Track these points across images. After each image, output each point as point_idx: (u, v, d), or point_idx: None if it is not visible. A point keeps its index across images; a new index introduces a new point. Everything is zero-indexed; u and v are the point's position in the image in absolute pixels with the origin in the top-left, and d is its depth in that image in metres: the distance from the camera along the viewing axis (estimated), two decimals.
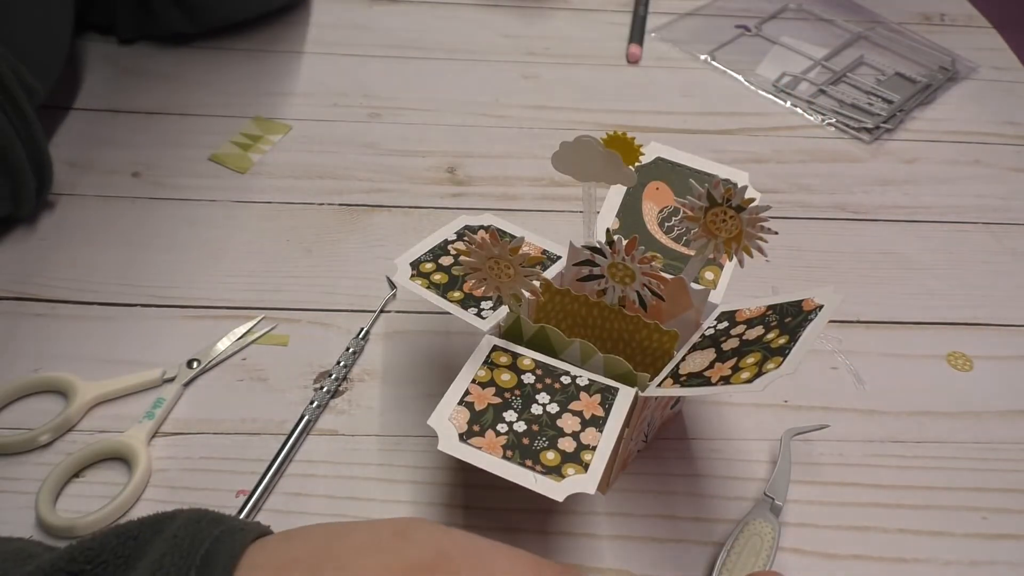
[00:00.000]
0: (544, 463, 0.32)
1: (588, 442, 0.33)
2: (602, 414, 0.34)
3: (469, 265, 0.36)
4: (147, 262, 0.49)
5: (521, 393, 0.35)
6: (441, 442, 0.32)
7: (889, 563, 0.39)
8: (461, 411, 0.34)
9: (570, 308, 0.39)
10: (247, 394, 0.43)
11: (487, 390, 0.35)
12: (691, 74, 0.68)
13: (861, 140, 0.62)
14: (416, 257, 0.41)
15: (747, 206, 0.34)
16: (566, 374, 0.36)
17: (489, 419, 0.34)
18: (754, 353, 0.32)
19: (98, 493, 0.39)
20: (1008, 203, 0.58)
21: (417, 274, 0.40)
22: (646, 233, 0.42)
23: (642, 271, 0.36)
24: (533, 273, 0.35)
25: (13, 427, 0.41)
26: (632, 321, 0.38)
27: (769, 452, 0.43)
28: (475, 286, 0.37)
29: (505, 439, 0.33)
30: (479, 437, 0.33)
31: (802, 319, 0.33)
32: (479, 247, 0.35)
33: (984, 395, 0.46)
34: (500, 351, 0.37)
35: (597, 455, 0.32)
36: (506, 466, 0.32)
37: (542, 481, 0.31)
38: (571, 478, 0.32)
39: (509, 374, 0.36)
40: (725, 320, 0.37)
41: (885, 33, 0.73)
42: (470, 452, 0.32)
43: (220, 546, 0.26)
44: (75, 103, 0.59)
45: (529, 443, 0.33)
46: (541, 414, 0.34)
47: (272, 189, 0.54)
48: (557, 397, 0.35)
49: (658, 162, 0.44)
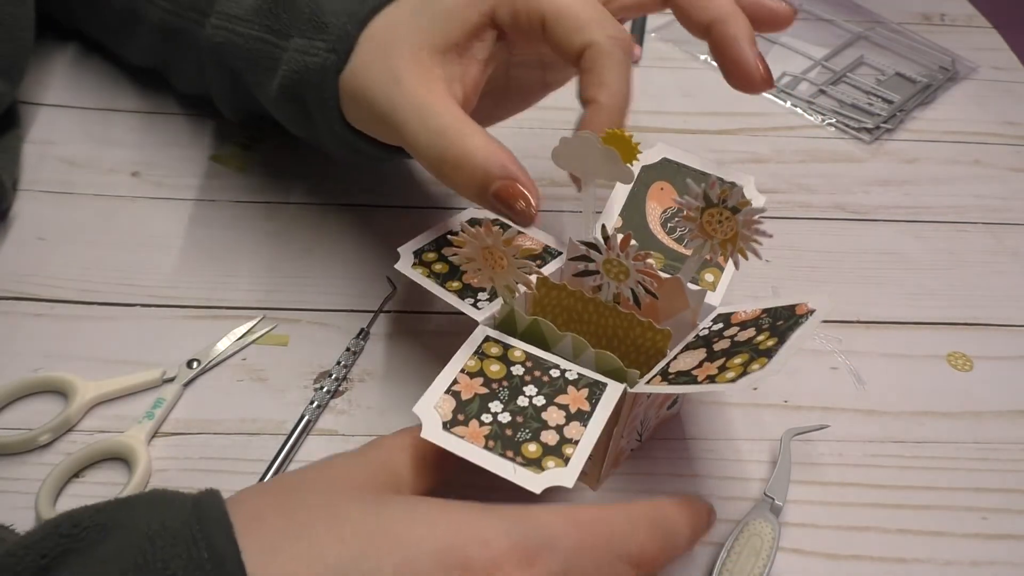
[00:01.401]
0: (525, 455, 0.32)
1: (571, 436, 0.33)
2: (588, 408, 0.34)
3: (464, 255, 0.36)
4: (147, 262, 0.49)
5: (509, 384, 0.35)
6: (424, 430, 0.33)
7: (889, 563, 0.39)
8: (447, 400, 0.34)
9: (566, 303, 0.39)
10: (247, 394, 0.43)
11: (475, 380, 0.35)
12: (691, 74, 0.68)
13: (861, 140, 0.62)
14: (420, 246, 0.42)
15: (743, 207, 0.34)
16: (556, 367, 0.36)
17: (474, 409, 0.34)
18: (742, 354, 0.33)
19: (98, 493, 0.39)
20: (1008, 203, 0.58)
21: (419, 263, 0.41)
22: (648, 233, 0.42)
23: (636, 268, 0.36)
24: (526, 265, 0.35)
25: (13, 427, 0.41)
26: (626, 318, 0.38)
27: (769, 452, 0.43)
28: (470, 276, 0.37)
29: (488, 429, 0.33)
30: (463, 426, 0.33)
31: (793, 323, 0.33)
32: (473, 237, 0.35)
33: (984, 395, 0.46)
34: (492, 342, 0.37)
35: (579, 449, 0.32)
36: (487, 456, 0.32)
37: (521, 472, 0.31)
38: (550, 471, 0.32)
39: (499, 365, 0.36)
40: (721, 322, 0.37)
41: (885, 33, 0.73)
42: (452, 441, 0.32)
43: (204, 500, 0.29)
44: (75, 103, 0.59)
45: (512, 434, 0.33)
46: (527, 406, 0.34)
47: (272, 189, 0.54)
48: (544, 390, 0.35)
49: (664, 163, 0.44)
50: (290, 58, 0.43)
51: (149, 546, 0.26)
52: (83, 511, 0.28)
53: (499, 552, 0.28)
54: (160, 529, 0.27)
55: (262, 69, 0.45)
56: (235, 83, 0.49)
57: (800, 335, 0.32)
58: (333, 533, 0.28)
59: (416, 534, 0.28)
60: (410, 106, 0.38)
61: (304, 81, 0.43)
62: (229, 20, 0.46)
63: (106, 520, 0.27)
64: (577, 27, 0.37)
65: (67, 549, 0.26)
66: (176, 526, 0.27)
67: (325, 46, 0.42)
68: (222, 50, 0.47)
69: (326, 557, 0.27)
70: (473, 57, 0.40)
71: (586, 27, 0.37)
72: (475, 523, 0.29)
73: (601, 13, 0.38)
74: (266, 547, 0.27)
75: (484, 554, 0.28)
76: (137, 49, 0.57)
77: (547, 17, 0.38)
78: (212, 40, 0.47)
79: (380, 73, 0.40)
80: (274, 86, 0.45)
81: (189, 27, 0.50)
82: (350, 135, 0.44)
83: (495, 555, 0.28)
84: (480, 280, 0.37)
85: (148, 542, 0.26)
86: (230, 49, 0.46)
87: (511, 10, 0.38)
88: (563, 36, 0.38)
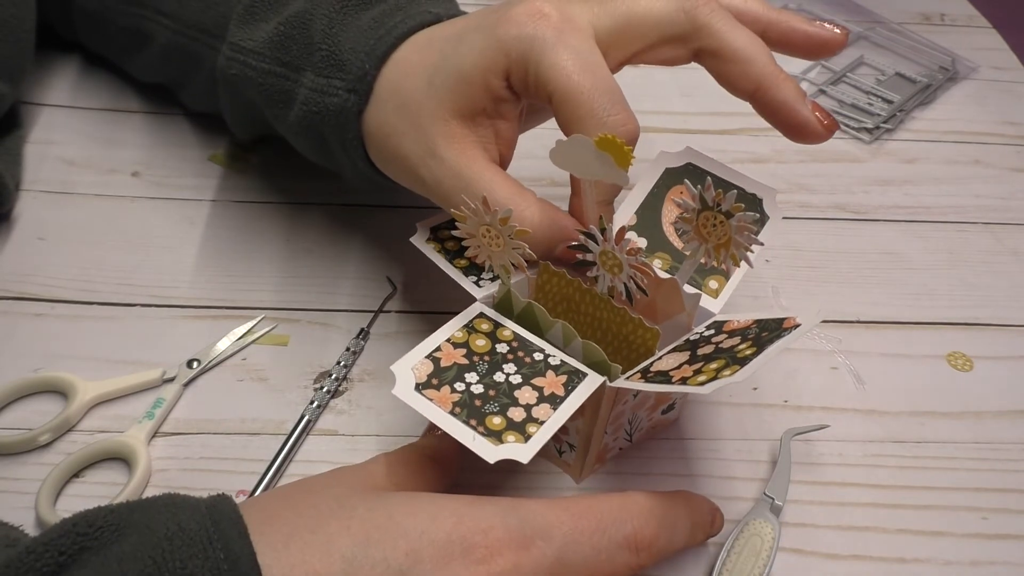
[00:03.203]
0: (488, 426, 0.33)
1: (538, 416, 0.33)
2: (562, 394, 0.34)
3: (464, 230, 0.37)
4: (147, 262, 0.49)
5: (490, 360, 0.35)
6: (396, 387, 0.33)
7: (889, 563, 0.39)
8: (425, 364, 0.34)
9: (565, 291, 0.40)
10: (247, 394, 0.43)
11: (458, 350, 0.35)
12: (691, 74, 0.67)
13: (861, 140, 0.62)
14: (439, 223, 0.42)
15: (736, 212, 0.34)
16: (540, 351, 0.36)
17: (450, 376, 0.34)
18: (719, 360, 0.33)
19: (98, 493, 0.39)
20: (1008, 203, 0.58)
21: (433, 239, 0.42)
22: (661, 234, 0.42)
23: (629, 263, 0.36)
24: (520, 245, 0.35)
25: (13, 427, 0.41)
26: (618, 313, 0.38)
27: (769, 452, 0.43)
28: (472, 252, 0.37)
29: (458, 397, 0.33)
30: (434, 390, 0.33)
31: (776, 335, 0.33)
32: (473, 213, 0.35)
33: (984, 395, 0.46)
34: (483, 318, 0.37)
35: (543, 429, 0.33)
36: (450, 420, 0.32)
37: (480, 441, 0.32)
38: (509, 444, 0.32)
39: (485, 340, 0.36)
40: (713, 328, 0.37)
41: (885, 33, 0.73)
42: (420, 401, 0.33)
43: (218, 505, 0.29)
44: (75, 103, 0.59)
45: (480, 405, 0.33)
46: (502, 382, 0.35)
47: (272, 189, 0.54)
48: (524, 370, 0.35)
49: (688, 167, 0.44)
50: (308, 97, 0.43)
51: (167, 545, 0.27)
52: (98, 511, 0.29)
53: (497, 538, 0.30)
54: (177, 530, 0.27)
55: (277, 102, 0.45)
56: (249, 110, 0.48)
57: (776, 347, 0.32)
58: (342, 525, 0.29)
59: (420, 524, 0.29)
60: (455, 179, 0.38)
61: (324, 121, 0.43)
62: (243, 53, 0.45)
63: (122, 521, 0.28)
64: (577, 117, 0.36)
65: (84, 547, 0.27)
66: (192, 527, 0.28)
67: (344, 85, 0.41)
68: (236, 80, 0.46)
69: (338, 548, 0.28)
70: (502, 116, 0.39)
71: (586, 119, 0.36)
72: (474, 512, 0.30)
73: (607, 100, 0.36)
74: (279, 543, 0.28)
75: (484, 540, 0.29)
76: (144, 67, 0.56)
77: (553, 98, 0.37)
78: (226, 72, 0.46)
79: (414, 144, 0.39)
80: (291, 119, 0.44)
81: (199, 50, 0.49)
82: (375, 174, 0.44)
83: (494, 541, 0.29)
84: (480, 257, 0.37)
85: (166, 542, 0.27)
86: (244, 81, 0.46)
87: (522, 78, 0.37)
88: (567, 121, 0.37)
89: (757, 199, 0.42)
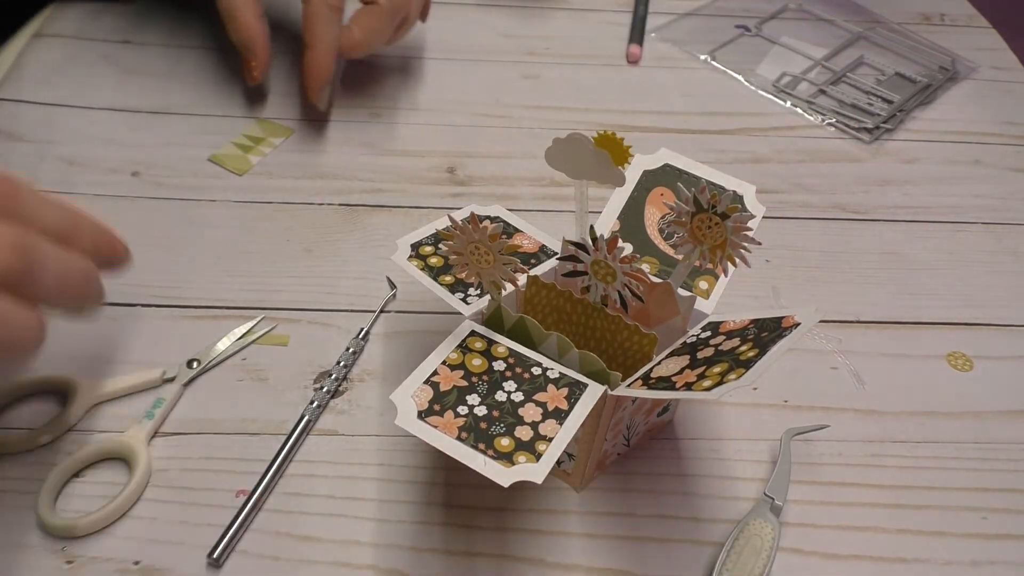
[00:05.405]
0: (497, 448, 0.32)
1: (545, 433, 0.33)
2: (566, 407, 0.34)
3: (452, 248, 0.36)
4: (147, 262, 0.49)
5: (489, 379, 0.35)
6: (399, 417, 0.33)
7: (889, 563, 0.39)
8: (425, 390, 0.34)
9: (555, 303, 0.39)
10: (247, 394, 0.43)
11: (455, 372, 0.35)
12: (691, 74, 0.68)
13: (861, 140, 0.62)
14: (418, 239, 0.42)
15: (732, 213, 0.34)
16: (538, 365, 0.36)
17: (451, 400, 0.34)
18: (722, 363, 0.33)
19: (98, 493, 0.39)
20: (1008, 203, 0.58)
21: (415, 256, 0.41)
22: (645, 238, 0.42)
23: (623, 271, 0.36)
24: (511, 262, 0.35)
25: (13, 427, 0.41)
26: (613, 321, 0.38)
27: (769, 452, 0.43)
28: (459, 270, 0.37)
29: (463, 421, 0.33)
30: (437, 416, 0.33)
31: (777, 335, 0.33)
32: (461, 231, 0.35)
33: (984, 395, 0.46)
34: (476, 336, 0.37)
35: (552, 447, 0.32)
36: (458, 447, 0.32)
37: (491, 465, 0.31)
38: (520, 466, 0.32)
39: (481, 359, 0.36)
40: (709, 330, 0.37)
41: (885, 33, 0.73)
42: (425, 430, 0.32)
43: None
44: (75, 102, 0.59)
45: (486, 428, 0.33)
46: (505, 401, 0.34)
47: (272, 189, 0.54)
48: (524, 386, 0.35)
49: (666, 168, 0.44)
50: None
51: None
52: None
53: None
54: None
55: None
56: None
57: (779, 347, 0.32)
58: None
59: None
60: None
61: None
62: None
63: None
64: None
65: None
66: None
67: None
68: None
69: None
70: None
71: None
72: None
73: None
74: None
75: None
76: None
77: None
78: None
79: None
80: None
81: None
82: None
83: None
84: (468, 275, 0.37)
85: None
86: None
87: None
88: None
89: (738, 197, 0.42)
